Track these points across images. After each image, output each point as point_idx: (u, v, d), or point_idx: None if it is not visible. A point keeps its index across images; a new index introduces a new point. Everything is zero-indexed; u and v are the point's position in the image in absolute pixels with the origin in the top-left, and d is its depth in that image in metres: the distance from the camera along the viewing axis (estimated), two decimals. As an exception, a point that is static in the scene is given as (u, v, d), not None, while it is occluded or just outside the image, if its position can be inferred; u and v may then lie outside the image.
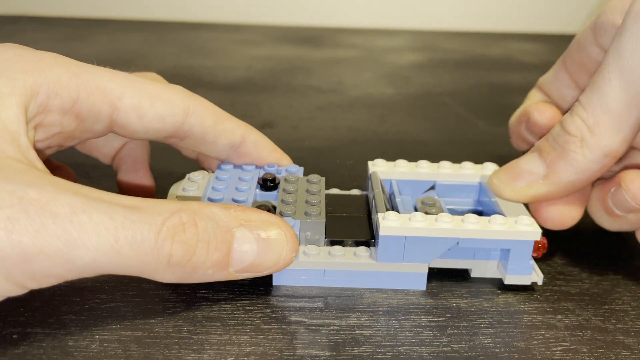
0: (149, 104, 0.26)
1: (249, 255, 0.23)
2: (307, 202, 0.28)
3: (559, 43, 0.79)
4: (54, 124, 0.24)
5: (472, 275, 0.28)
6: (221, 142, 0.30)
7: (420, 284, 0.27)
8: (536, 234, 0.26)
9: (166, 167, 0.34)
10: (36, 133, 0.24)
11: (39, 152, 0.25)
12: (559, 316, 0.26)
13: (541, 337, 0.24)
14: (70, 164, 0.33)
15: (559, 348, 0.24)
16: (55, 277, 0.20)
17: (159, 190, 0.34)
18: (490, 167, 0.31)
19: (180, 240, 0.21)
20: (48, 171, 0.22)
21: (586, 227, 0.33)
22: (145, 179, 0.33)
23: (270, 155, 0.31)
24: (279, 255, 0.24)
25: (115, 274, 0.21)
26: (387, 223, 0.26)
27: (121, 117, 0.26)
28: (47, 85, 0.23)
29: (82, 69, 0.25)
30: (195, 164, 0.34)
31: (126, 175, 0.33)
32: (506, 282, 0.27)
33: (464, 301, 0.26)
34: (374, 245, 0.27)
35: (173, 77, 0.59)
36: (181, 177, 0.31)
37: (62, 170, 0.33)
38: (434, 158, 0.33)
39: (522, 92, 0.59)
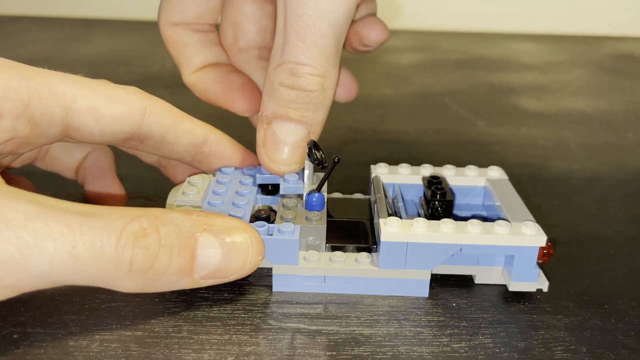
0: (105, 105, 0.25)
1: (213, 260, 0.22)
2: None
3: (558, 43, 0.79)
4: (6, 129, 0.23)
5: (476, 281, 0.28)
6: (183, 143, 0.29)
7: (423, 291, 0.27)
8: (541, 240, 0.25)
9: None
10: None
11: None
12: (559, 316, 0.26)
13: (541, 337, 0.24)
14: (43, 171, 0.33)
15: (559, 348, 0.24)
16: (10, 287, 0.20)
17: (160, 194, 0.34)
18: (494, 171, 0.31)
19: (141, 246, 0.20)
20: (2, 180, 0.21)
21: (586, 228, 0.33)
22: (113, 186, 0.32)
23: (235, 154, 0.31)
24: (244, 259, 0.23)
25: (74, 285, 0.20)
26: (389, 229, 0.25)
27: (76, 120, 0.25)
28: None
29: (32, 72, 0.24)
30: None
31: (93, 185, 0.32)
32: (511, 288, 0.26)
33: (464, 301, 0.26)
34: (376, 251, 0.27)
35: (173, 77, 0.59)
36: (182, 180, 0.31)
37: (17, 181, 0.31)
38: (434, 158, 0.33)
39: (522, 92, 0.59)
